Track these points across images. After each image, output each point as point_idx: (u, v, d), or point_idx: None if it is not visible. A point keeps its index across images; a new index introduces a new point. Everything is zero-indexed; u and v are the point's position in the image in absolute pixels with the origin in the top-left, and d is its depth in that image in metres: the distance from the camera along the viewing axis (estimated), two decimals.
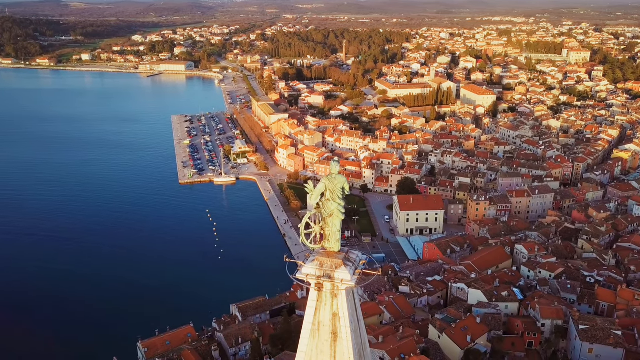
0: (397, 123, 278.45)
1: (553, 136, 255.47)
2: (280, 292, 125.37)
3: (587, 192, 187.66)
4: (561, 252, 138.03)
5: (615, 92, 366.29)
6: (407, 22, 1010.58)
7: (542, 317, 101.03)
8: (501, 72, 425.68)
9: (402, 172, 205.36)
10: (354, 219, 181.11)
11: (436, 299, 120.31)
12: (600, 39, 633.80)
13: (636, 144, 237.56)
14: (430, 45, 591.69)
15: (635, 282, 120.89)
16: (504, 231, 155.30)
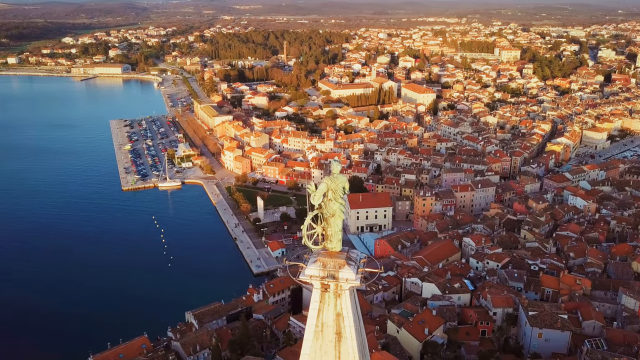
0: (342, 123, 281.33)
1: (491, 132, 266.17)
2: (236, 297, 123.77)
3: (526, 184, 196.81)
4: (506, 242, 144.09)
5: (545, 88, 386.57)
6: (345, 23, 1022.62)
7: (493, 306, 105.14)
8: (439, 71, 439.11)
9: (350, 171, 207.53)
10: None
11: (391, 295, 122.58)
12: (528, 38, 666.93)
13: (567, 138, 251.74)
14: (369, 46, 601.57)
15: (575, 267, 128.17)
16: (451, 225, 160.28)
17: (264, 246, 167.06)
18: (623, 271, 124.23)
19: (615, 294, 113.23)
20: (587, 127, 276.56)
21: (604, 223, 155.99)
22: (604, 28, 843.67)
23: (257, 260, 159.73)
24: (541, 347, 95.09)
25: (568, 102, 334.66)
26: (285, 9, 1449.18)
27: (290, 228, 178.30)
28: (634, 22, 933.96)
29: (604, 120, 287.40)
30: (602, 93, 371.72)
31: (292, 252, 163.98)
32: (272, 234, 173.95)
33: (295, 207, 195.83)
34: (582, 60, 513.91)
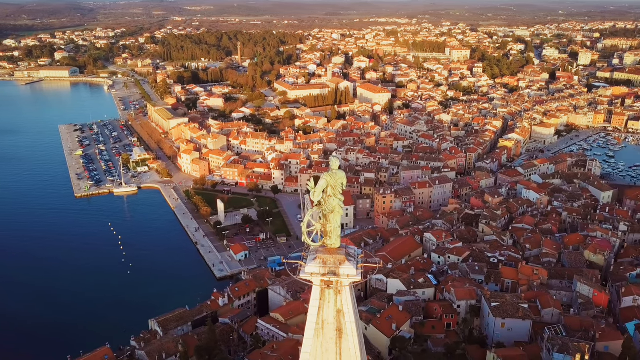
0: (301, 123, 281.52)
1: (445, 129, 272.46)
2: (201, 302, 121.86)
3: (481, 179, 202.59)
4: (465, 236, 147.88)
5: (495, 86, 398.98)
6: (299, 24, 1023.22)
7: (457, 299, 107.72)
8: (393, 70, 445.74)
9: (311, 171, 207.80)
10: (268, 221, 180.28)
11: (357, 292, 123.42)
12: (477, 38, 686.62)
13: (517, 134, 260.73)
14: (323, 46, 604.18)
15: (532, 258, 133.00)
16: (412, 221, 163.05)
17: (226, 250, 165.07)
18: (576, 260, 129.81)
19: (570, 282, 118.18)
20: (535, 123, 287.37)
21: (556, 215, 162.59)
22: (547, 28, 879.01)
23: (219, 264, 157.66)
24: (504, 337, 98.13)
25: (517, 99, 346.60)
26: (237, 9, 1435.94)
27: (253, 230, 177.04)
28: (573, 22, 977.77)
29: (551, 116, 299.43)
30: (548, 90, 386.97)
31: (255, 254, 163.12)
32: (234, 237, 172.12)
33: (256, 209, 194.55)
34: (528, 59, 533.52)
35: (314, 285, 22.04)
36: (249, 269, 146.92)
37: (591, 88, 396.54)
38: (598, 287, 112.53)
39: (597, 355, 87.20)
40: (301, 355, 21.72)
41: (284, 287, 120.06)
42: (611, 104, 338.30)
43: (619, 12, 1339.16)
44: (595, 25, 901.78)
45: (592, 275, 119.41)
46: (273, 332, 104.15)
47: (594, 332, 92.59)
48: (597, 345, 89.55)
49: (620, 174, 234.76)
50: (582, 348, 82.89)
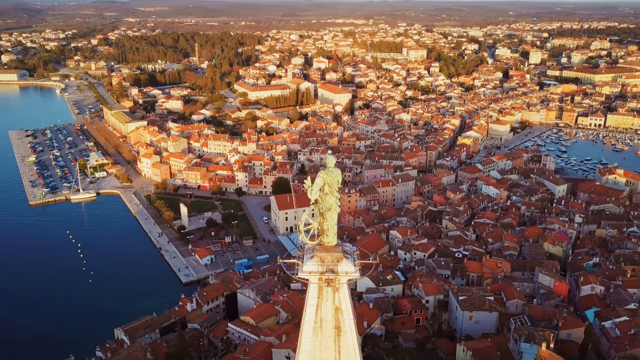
0: (263, 124, 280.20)
1: (406, 128, 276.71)
2: (168, 308, 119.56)
3: (442, 177, 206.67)
4: (430, 233, 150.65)
5: (452, 85, 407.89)
6: (256, 25, 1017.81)
7: (425, 294, 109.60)
8: (352, 71, 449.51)
9: (275, 172, 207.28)
10: (233, 224, 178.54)
11: None
12: (432, 38, 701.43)
13: (475, 131, 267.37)
14: (282, 47, 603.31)
15: (494, 252, 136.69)
16: (377, 219, 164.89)
17: (192, 254, 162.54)
18: (536, 252, 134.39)
19: (532, 274, 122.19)
20: (491, 120, 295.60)
21: (515, 209, 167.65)
22: (499, 28, 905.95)
23: (185, 269, 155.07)
24: (472, 329, 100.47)
25: (473, 97, 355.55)
26: (192, 10, 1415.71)
27: (218, 234, 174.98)
28: (523, 23, 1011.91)
29: (506, 114, 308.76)
30: (502, 88, 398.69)
31: (222, 258, 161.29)
32: (199, 241, 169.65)
33: (220, 212, 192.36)
34: (482, 58, 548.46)
35: (311, 284, 22.03)
36: (216, 272, 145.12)
37: (542, 86, 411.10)
38: (558, 277, 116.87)
39: (561, 343, 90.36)
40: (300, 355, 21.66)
41: (253, 290, 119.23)
42: (561, 101, 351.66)
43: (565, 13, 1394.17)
44: (543, 25, 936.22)
45: (552, 266, 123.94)
46: (244, 335, 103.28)
47: (557, 321, 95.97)
48: (560, 333, 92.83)
49: (572, 168, 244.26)
50: (546, 337, 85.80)
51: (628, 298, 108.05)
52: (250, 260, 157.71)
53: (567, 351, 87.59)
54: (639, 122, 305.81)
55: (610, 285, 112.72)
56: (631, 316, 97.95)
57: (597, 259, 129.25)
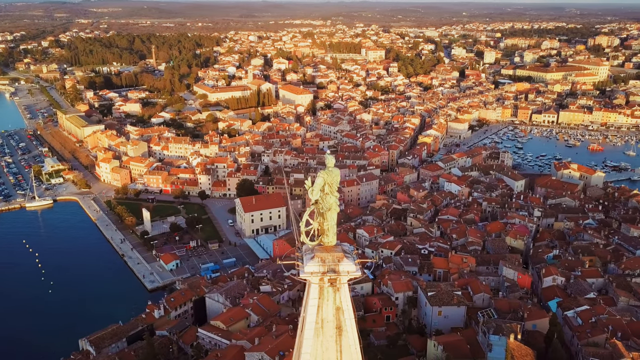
0: (225, 126, 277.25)
1: (367, 128, 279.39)
2: (135, 316, 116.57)
3: (405, 175, 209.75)
4: (395, 230, 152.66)
5: (410, 85, 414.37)
6: (213, 26, 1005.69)
7: (395, 291, 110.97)
8: (312, 72, 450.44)
9: (239, 174, 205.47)
10: (198, 228, 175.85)
11: (297, 293, 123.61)
12: (390, 38, 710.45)
13: (435, 130, 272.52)
14: (241, 48, 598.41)
15: (459, 247, 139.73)
16: (343, 219, 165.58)
17: (156, 260, 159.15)
18: (499, 246, 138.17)
19: (496, 268, 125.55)
20: (450, 119, 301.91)
21: (477, 205, 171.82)
22: (453, 28, 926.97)
23: (150, 276, 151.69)
24: (441, 324, 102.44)
25: (432, 97, 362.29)
26: (147, 12, 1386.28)
27: (182, 238, 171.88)
28: (477, 23, 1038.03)
29: (464, 112, 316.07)
30: (459, 87, 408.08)
31: (187, 263, 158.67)
32: (164, 247, 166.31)
33: (184, 216, 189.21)
34: (438, 58, 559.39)
35: (312, 284, 21.94)
36: (182, 278, 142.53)
37: (497, 85, 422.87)
38: (521, 270, 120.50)
39: (527, 333, 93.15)
40: (301, 356, 21.55)
41: (222, 294, 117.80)
42: (516, 99, 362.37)
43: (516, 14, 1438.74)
44: (496, 26, 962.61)
45: (514, 259, 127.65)
46: (215, 340, 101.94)
47: (522, 313, 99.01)
48: (526, 324, 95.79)
49: (529, 164, 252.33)
50: (514, 328, 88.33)
51: (587, 288, 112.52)
52: (217, 264, 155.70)
53: (533, 341, 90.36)
54: (589, 118, 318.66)
55: (571, 276, 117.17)
56: (591, 305, 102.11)
57: (557, 251, 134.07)
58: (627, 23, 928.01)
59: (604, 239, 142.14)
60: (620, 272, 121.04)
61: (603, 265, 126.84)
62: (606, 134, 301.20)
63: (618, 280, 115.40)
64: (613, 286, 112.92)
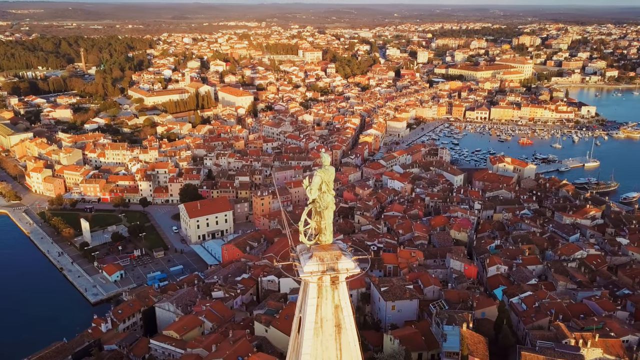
0: (164, 130, 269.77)
1: (310, 129, 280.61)
2: (80, 331, 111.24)
3: (349, 174, 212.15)
4: (344, 228, 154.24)
5: (349, 85, 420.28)
6: (145, 28, 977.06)
7: (348, 288, 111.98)
8: (251, 73, 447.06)
9: (182, 179, 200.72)
10: (141, 236, 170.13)
11: (249, 297, 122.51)
12: (326, 40, 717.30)
13: (375, 129, 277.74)
14: (176, 51, 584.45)
15: (406, 242, 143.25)
16: (293, 220, 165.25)
17: (99, 271, 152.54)
18: (444, 239, 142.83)
19: (443, 260, 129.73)
20: (389, 118, 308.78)
21: (420, 200, 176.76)
22: (387, 29, 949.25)
23: (93, 288, 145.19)
24: (395, 318, 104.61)
25: (370, 97, 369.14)
26: (72, 13, 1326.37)
27: (125, 248, 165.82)
28: (408, 24, 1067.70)
29: (402, 111, 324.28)
30: (395, 87, 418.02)
31: (132, 273, 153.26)
32: (106, 257, 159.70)
33: (126, 224, 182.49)
34: (374, 58, 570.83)
35: (310, 284, 21.87)
36: (129, 288, 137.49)
37: (432, 83, 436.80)
38: (467, 262, 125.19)
39: (477, 322, 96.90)
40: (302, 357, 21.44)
41: (173, 303, 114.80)
42: (450, 97, 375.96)
43: (445, 15, 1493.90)
44: (427, 26, 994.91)
45: (459, 251, 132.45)
46: (169, 350, 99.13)
47: (472, 302, 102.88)
48: (476, 313, 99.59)
49: (465, 159, 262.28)
50: (465, 317, 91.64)
51: (529, 274, 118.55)
52: (164, 273, 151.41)
53: (483, 329, 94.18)
54: (518, 114, 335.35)
55: (513, 264, 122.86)
56: (533, 291, 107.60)
57: (498, 241, 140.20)
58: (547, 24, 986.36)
59: (539, 228, 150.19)
60: (557, 258, 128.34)
61: (541, 252, 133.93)
62: (534, 128, 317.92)
63: (555, 265, 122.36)
64: (551, 272, 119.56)
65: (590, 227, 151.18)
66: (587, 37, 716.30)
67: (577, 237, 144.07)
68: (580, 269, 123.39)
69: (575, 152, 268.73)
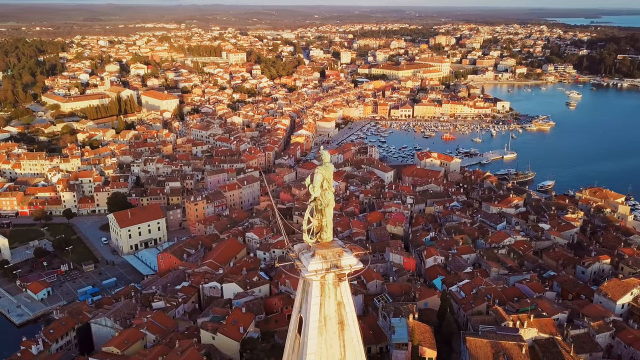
0: (85, 138, 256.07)
1: (240, 131, 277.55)
2: (8, 356, 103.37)
3: (284, 175, 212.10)
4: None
5: (275, 87, 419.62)
6: (54, 31, 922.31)
7: (294, 289, 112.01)
8: (174, 76, 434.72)
9: (108, 188, 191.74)
10: (67, 250, 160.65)
11: (191, 305, 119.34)
12: (249, 41, 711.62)
13: (305, 129, 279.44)
14: (92, 54, 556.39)
15: (345, 239, 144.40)
16: (229, 224, 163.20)
17: (23, 290, 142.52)
18: (381, 234, 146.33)
19: (382, 255, 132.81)
20: (318, 118, 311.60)
21: (354, 198, 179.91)
22: (308, 30, 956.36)
23: (17, 309, 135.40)
24: None
25: (297, 97, 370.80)
26: None
27: (51, 263, 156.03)
28: (329, 25, 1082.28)
29: (330, 111, 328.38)
30: (321, 87, 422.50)
31: (60, 289, 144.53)
32: (29, 275, 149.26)
33: (49, 238, 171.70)
34: (299, 59, 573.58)
35: (314, 283, 21.65)
36: (59, 306, 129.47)
37: (356, 83, 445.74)
38: (405, 254, 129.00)
39: (420, 312, 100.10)
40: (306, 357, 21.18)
41: (110, 317, 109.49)
42: (375, 96, 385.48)
43: (363, 16, 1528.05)
44: (347, 27, 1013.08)
45: (397, 245, 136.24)
46: None
47: (414, 293, 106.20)
48: (419, 303, 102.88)
49: (393, 156, 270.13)
50: (410, 309, 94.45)
51: (464, 263, 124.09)
52: (96, 287, 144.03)
53: (426, 318, 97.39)
54: (440, 111, 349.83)
55: (448, 254, 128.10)
56: (470, 278, 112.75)
57: (433, 233, 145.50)
58: (459, 24, 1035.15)
59: (469, 218, 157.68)
60: (488, 246, 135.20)
61: (473, 241, 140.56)
62: (455, 124, 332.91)
63: (487, 253, 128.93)
64: (484, 259, 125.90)
65: (514, 215, 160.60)
66: (497, 37, 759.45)
67: (503, 225, 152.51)
68: (510, 254, 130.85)
69: (494, 145, 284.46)
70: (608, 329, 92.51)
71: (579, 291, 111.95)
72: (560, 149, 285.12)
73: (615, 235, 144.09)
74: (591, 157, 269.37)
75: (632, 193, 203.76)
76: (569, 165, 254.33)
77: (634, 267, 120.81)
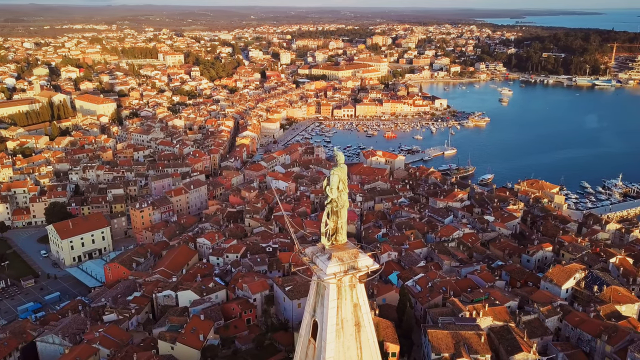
0: (16, 145, 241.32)
1: (182, 134, 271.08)
2: None
3: (231, 178, 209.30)
4: (236, 233, 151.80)
5: (216, 88, 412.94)
6: None
7: (252, 293, 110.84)
8: (109, 79, 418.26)
9: (45, 198, 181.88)
10: (4, 265, 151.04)
11: (145, 315, 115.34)
12: (186, 42, 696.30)
13: (250, 131, 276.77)
14: (17, 57, 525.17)
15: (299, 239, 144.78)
16: (178, 230, 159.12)
17: None
18: None
19: None
20: (262, 119, 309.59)
21: (305, 198, 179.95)
22: (246, 31, 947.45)
23: None
24: (302, 315, 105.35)
25: (240, 99, 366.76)
26: None
27: None
28: (267, 26, 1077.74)
29: (273, 112, 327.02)
30: (263, 88, 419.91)
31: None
32: None
33: None
34: (238, 60, 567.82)
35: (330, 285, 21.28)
36: (1, 326, 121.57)
37: (298, 84, 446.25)
38: None
39: (379, 308, 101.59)
40: None
41: (58, 334, 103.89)
42: (317, 97, 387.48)
43: (300, 17, 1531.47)
44: (285, 28, 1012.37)
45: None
46: None
47: (372, 290, 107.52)
48: (377, 299, 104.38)
49: None
50: (371, 305, 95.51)
51: (417, 258, 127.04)
52: (38, 303, 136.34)
53: (386, 314, 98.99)
54: (381, 110, 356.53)
55: (401, 249, 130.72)
56: (424, 272, 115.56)
57: (384, 229, 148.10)
58: (394, 24, 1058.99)
59: (418, 213, 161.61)
60: (438, 240, 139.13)
61: (423, 236, 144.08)
62: (396, 122, 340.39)
63: (438, 247, 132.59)
64: (436, 253, 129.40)
65: (460, 209, 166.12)
66: (431, 37, 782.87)
67: (451, 219, 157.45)
68: (459, 247, 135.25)
69: (435, 142, 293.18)
70: (556, 313, 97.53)
71: (526, 279, 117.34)
72: (497, 143, 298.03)
73: (554, 224, 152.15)
74: (525, 150, 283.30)
75: (564, 183, 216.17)
76: (506, 158, 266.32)
77: (573, 253, 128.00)
